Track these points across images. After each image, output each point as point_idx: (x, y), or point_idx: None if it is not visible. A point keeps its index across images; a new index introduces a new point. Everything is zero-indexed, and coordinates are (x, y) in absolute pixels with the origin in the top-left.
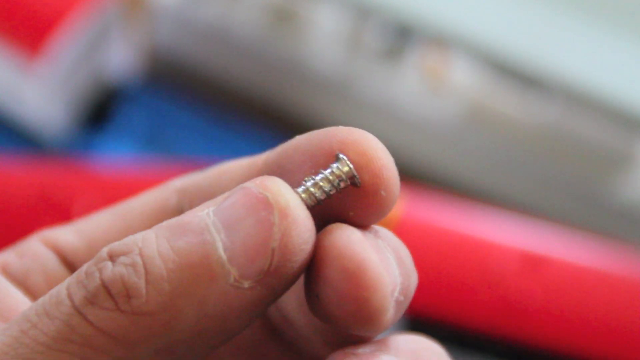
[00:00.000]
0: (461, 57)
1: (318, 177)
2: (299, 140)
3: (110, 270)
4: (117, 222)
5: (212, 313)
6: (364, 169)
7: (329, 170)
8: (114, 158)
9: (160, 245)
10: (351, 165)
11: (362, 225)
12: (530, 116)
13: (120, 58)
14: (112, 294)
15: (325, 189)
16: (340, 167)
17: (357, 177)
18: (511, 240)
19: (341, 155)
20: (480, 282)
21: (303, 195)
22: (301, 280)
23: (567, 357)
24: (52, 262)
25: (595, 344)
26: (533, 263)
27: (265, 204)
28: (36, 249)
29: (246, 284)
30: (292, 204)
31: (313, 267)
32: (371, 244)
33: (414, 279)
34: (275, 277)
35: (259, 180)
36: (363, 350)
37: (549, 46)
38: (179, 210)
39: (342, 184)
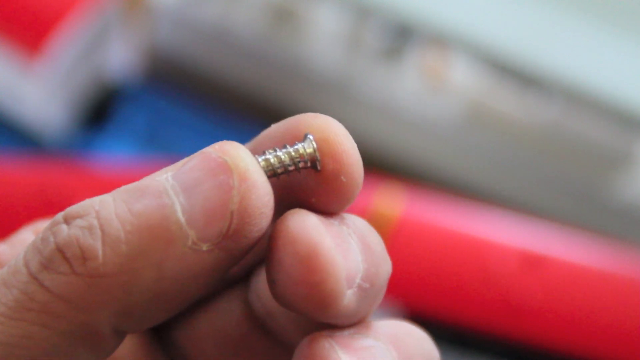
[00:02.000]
0: (461, 57)
1: (280, 151)
2: (271, 127)
3: (65, 233)
4: None
5: (170, 275)
6: (326, 153)
7: (293, 147)
8: (113, 157)
9: (117, 208)
10: (315, 147)
11: (327, 213)
12: (530, 116)
13: (120, 57)
14: (67, 257)
15: (285, 163)
16: (305, 146)
17: (319, 160)
18: (511, 240)
19: (309, 136)
20: (479, 282)
21: (262, 163)
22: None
23: (566, 356)
24: None
25: (594, 344)
26: (532, 262)
27: (225, 168)
28: (27, 238)
29: (204, 247)
30: (251, 167)
31: (270, 252)
32: (329, 229)
33: (385, 267)
34: (233, 241)
35: (218, 145)
36: (341, 333)
37: (549, 46)
38: None
39: (301, 164)
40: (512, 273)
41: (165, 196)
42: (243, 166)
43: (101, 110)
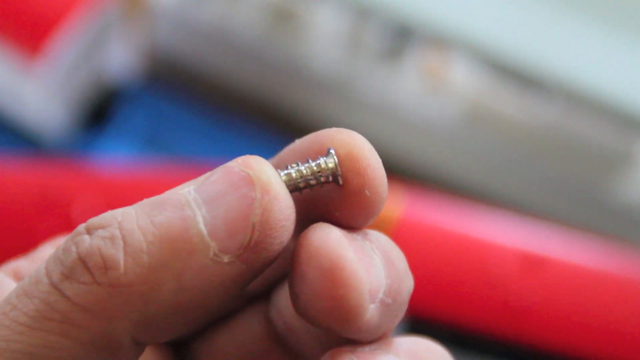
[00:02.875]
0: (461, 58)
1: (302, 166)
2: (295, 142)
3: (87, 243)
4: None
5: (191, 287)
6: (349, 168)
7: (315, 162)
8: (113, 158)
9: (140, 219)
10: (336, 161)
11: (350, 227)
12: (530, 116)
13: (120, 58)
14: (88, 267)
15: (307, 177)
16: (326, 160)
17: (340, 174)
18: (511, 241)
19: (331, 151)
20: (480, 283)
21: (284, 177)
22: None
23: (567, 357)
24: None
25: (595, 345)
26: (533, 263)
27: (247, 181)
28: (48, 253)
29: (225, 259)
30: (273, 181)
31: (293, 265)
32: (352, 243)
33: (407, 283)
34: (254, 253)
35: (241, 159)
36: (362, 349)
37: (549, 47)
38: None
39: (323, 178)
40: (512, 274)
41: (188, 208)
42: (265, 179)
43: (101, 111)
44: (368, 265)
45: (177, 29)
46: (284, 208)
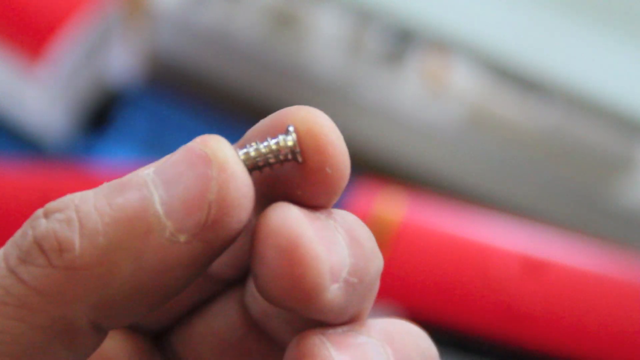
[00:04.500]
0: (462, 61)
1: (261, 144)
2: (259, 122)
3: (43, 226)
4: None
5: (148, 267)
6: (309, 145)
7: (274, 140)
8: (115, 162)
9: (97, 202)
10: (294, 138)
11: (314, 206)
12: (531, 120)
13: (121, 62)
14: (44, 250)
15: (266, 156)
16: (285, 138)
17: (299, 151)
18: (512, 245)
19: (290, 128)
20: (481, 287)
21: (242, 156)
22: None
23: None
24: None
25: (596, 349)
26: (534, 267)
27: (205, 159)
28: None
29: (182, 238)
30: (230, 159)
31: (252, 246)
32: (313, 222)
33: (375, 262)
34: (212, 232)
35: (200, 139)
36: (334, 330)
37: (550, 50)
38: None
39: (282, 156)
40: (513, 278)
41: (145, 189)
42: (222, 157)
43: (102, 115)
44: (329, 243)
45: (179, 33)
46: (241, 186)
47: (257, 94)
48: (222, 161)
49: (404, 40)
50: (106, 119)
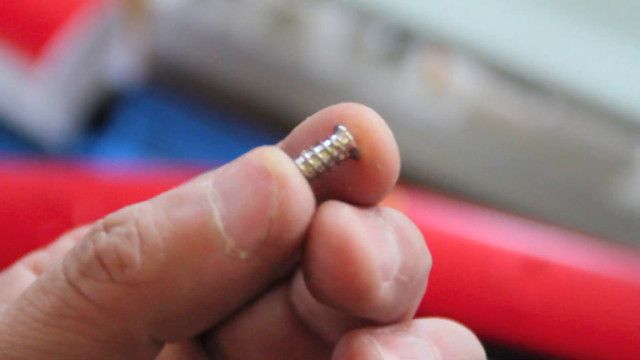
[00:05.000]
0: (462, 61)
1: (317, 149)
2: (305, 120)
3: (104, 240)
4: None
5: (208, 283)
6: (360, 141)
7: (327, 142)
8: (115, 162)
9: (157, 215)
10: (350, 137)
11: (363, 204)
12: (531, 120)
13: (121, 62)
14: (105, 265)
15: (324, 161)
16: (339, 139)
17: (357, 149)
18: (512, 245)
19: (340, 127)
20: (481, 287)
21: (302, 167)
22: None
23: None
24: None
25: (596, 349)
26: (534, 267)
27: (264, 174)
28: (68, 245)
29: (243, 255)
30: (290, 172)
31: (304, 246)
32: (363, 220)
33: (424, 260)
34: (272, 248)
35: (257, 151)
36: (382, 330)
37: (550, 50)
38: None
39: (341, 156)
40: (513, 278)
41: (205, 203)
42: (282, 171)
43: (102, 115)
44: (380, 242)
45: (179, 33)
46: (302, 201)
47: (257, 93)
48: (282, 176)
49: (404, 40)
50: (106, 119)
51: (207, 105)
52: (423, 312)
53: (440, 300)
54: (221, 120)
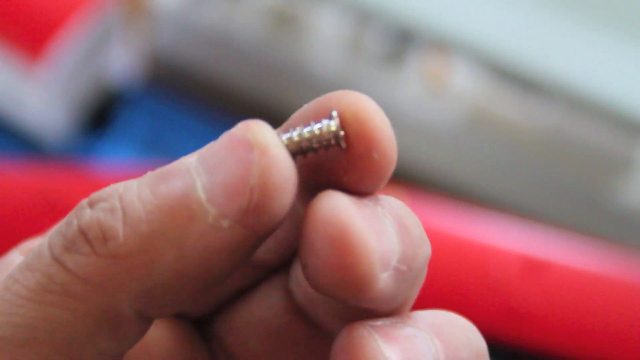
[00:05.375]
0: (462, 62)
1: (304, 129)
2: (303, 107)
3: (87, 215)
4: None
5: (192, 254)
6: (355, 130)
7: (317, 125)
8: (115, 162)
9: (141, 190)
10: (338, 124)
11: (360, 193)
12: (531, 120)
13: (121, 62)
14: (88, 239)
15: (309, 140)
16: (329, 123)
17: (342, 136)
18: (512, 245)
19: (334, 113)
20: (481, 287)
21: (285, 141)
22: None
23: None
24: None
25: (596, 349)
26: (534, 267)
27: (246, 144)
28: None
29: (225, 224)
30: (272, 142)
31: (301, 235)
32: (361, 210)
33: (423, 249)
34: (254, 217)
35: (242, 124)
36: (383, 322)
37: (550, 50)
38: None
39: (325, 142)
40: (513, 278)
41: (187, 176)
42: (263, 141)
43: (102, 115)
44: (379, 231)
45: (178, 33)
46: (283, 169)
47: (257, 93)
48: (263, 145)
49: (404, 41)
50: (106, 119)
51: (207, 105)
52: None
53: (440, 300)
54: (221, 120)
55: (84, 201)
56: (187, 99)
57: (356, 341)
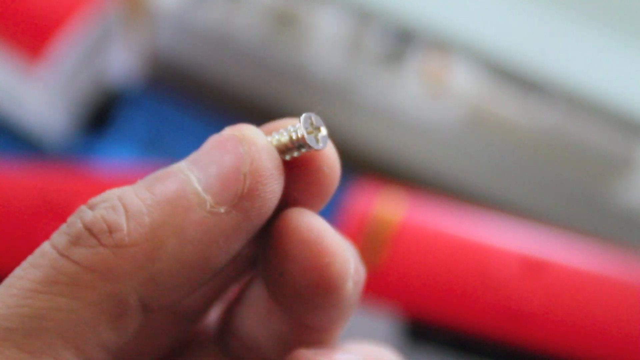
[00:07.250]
0: (462, 62)
1: (282, 133)
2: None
3: (91, 214)
4: None
5: (193, 241)
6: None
7: (291, 128)
8: (115, 162)
9: (138, 191)
10: (302, 129)
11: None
12: (531, 120)
13: (122, 62)
14: (94, 233)
15: (285, 142)
16: (297, 127)
17: (308, 143)
18: (511, 245)
19: (302, 117)
20: (480, 287)
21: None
22: (260, 299)
23: None
24: None
25: (596, 349)
26: (534, 267)
27: (235, 140)
28: None
29: (222, 209)
30: (259, 135)
31: (273, 247)
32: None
33: (362, 272)
34: (249, 201)
35: (229, 127)
36: (321, 351)
37: (550, 51)
38: None
39: (296, 142)
40: (513, 278)
41: (182, 174)
42: (252, 135)
43: (102, 115)
44: (342, 239)
45: (179, 33)
46: (272, 157)
47: (257, 93)
48: (251, 137)
49: (404, 41)
50: (106, 119)
51: (207, 105)
52: (424, 311)
53: (440, 300)
54: (221, 120)
55: (83, 206)
56: (187, 99)
57: None
